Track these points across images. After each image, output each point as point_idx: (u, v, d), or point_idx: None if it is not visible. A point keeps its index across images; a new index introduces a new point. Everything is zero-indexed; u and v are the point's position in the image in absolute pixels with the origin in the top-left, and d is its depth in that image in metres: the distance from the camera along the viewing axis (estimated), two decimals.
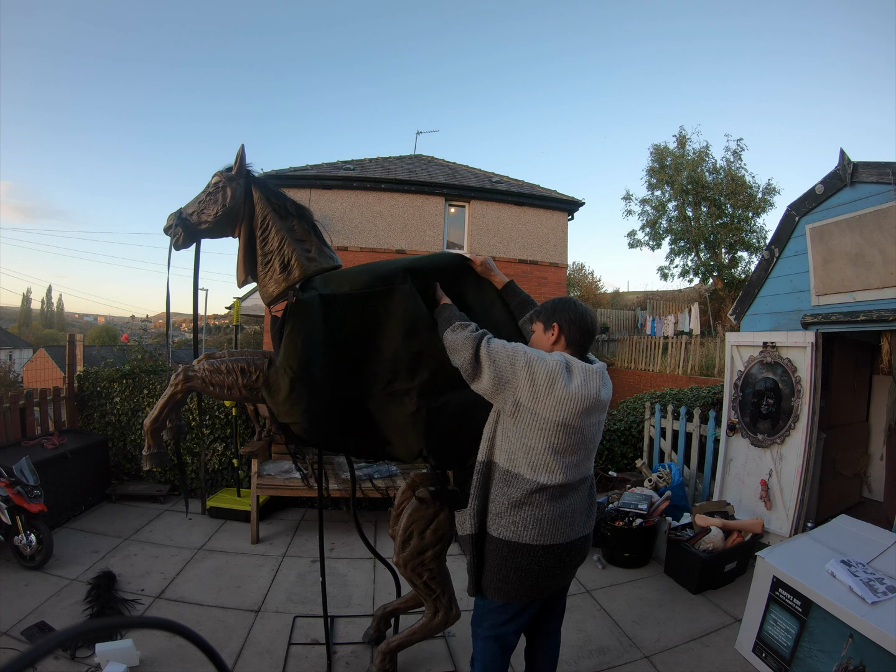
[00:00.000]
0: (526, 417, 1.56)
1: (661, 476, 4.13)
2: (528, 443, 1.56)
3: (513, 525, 1.59)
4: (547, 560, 1.61)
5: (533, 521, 1.58)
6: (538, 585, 1.66)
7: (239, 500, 4.24)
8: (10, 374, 20.36)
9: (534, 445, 1.56)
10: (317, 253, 2.06)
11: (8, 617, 2.59)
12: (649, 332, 13.61)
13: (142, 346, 5.23)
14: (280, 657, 2.41)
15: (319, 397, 1.84)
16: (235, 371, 1.96)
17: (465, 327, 1.67)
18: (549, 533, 1.59)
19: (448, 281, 1.99)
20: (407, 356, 1.88)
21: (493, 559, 1.64)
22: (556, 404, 1.52)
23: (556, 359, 1.57)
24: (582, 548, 1.71)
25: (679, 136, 15.64)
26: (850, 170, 3.23)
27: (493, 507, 1.64)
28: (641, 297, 23.34)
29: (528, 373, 1.53)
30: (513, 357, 1.56)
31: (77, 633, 0.67)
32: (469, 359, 1.60)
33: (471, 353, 1.60)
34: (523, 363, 1.54)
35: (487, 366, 1.57)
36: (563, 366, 1.56)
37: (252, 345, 18.17)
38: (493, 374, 1.56)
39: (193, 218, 2.03)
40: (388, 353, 1.90)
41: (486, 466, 1.68)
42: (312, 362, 1.82)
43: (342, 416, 1.91)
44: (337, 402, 1.88)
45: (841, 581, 2.24)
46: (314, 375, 1.82)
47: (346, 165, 9.80)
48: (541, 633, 1.96)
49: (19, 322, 58.69)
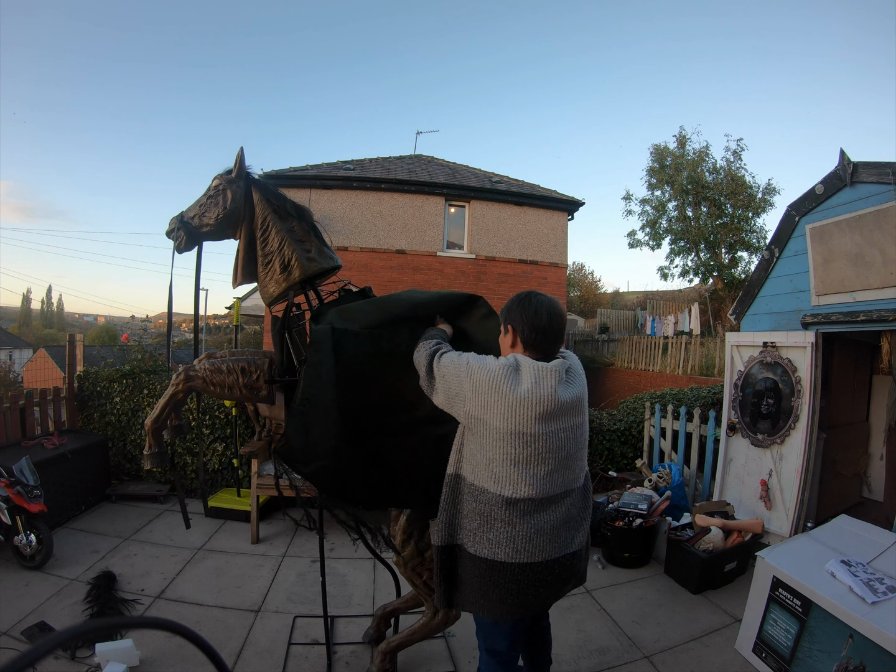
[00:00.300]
0: (479, 429, 1.48)
1: (661, 476, 4.13)
2: (488, 454, 1.48)
3: (487, 542, 1.51)
4: (526, 578, 1.51)
5: (506, 538, 1.49)
6: (521, 603, 1.55)
7: (239, 500, 4.24)
8: (10, 374, 20.37)
9: (493, 457, 1.47)
10: (317, 253, 2.06)
11: (8, 617, 2.59)
12: (649, 332, 13.61)
13: (142, 346, 5.23)
14: (280, 657, 2.41)
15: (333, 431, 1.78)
16: (236, 371, 1.97)
17: (426, 346, 1.64)
18: (524, 550, 1.50)
19: (453, 314, 1.94)
20: (409, 390, 1.83)
21: (471, 576, 1.57)
22: (504, 412, 1.43)
23: (500, 363, 1.48)
24: (569, 565, 1.59)
25: (679, 136, 15.64)
26: (850, 170, 3.23)
27: (466, 524, 1.57)
28: (641, 297, 23.34)
29: (470, 382, 1.47)
30: (458, 368, 1.51)
31: (77, 633, 0.67)
32: (425, 375, 1.60)
33: (425, 368, 1.59)
34: (466, 373, 1.48)
35: (439, 379, 1.56)
36: (509, 369, 1.46)
37: (252, 345, 18.17)
38: (443, 387, 1.54)
39: (195, 221, 2.04)
40: (394, 389, 1.84)
41: (454, 479, 1.61)
42: (326, 393, 1.78)
43: (354, 455, 1.82)
44: (349, 437, 1.80)
45: (841, 581, 2.24)
46: (328, 406, 1.77)
47: (346, 165, 9.81)
48: (532, 632, 1.94)
49: (19, 322, 58.70)
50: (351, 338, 1.78)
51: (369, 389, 1.81)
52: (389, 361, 1.81)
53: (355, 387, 1.78)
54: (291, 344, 2.06)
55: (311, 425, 1.80)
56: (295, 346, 2.08)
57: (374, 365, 1.80)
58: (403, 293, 1.97)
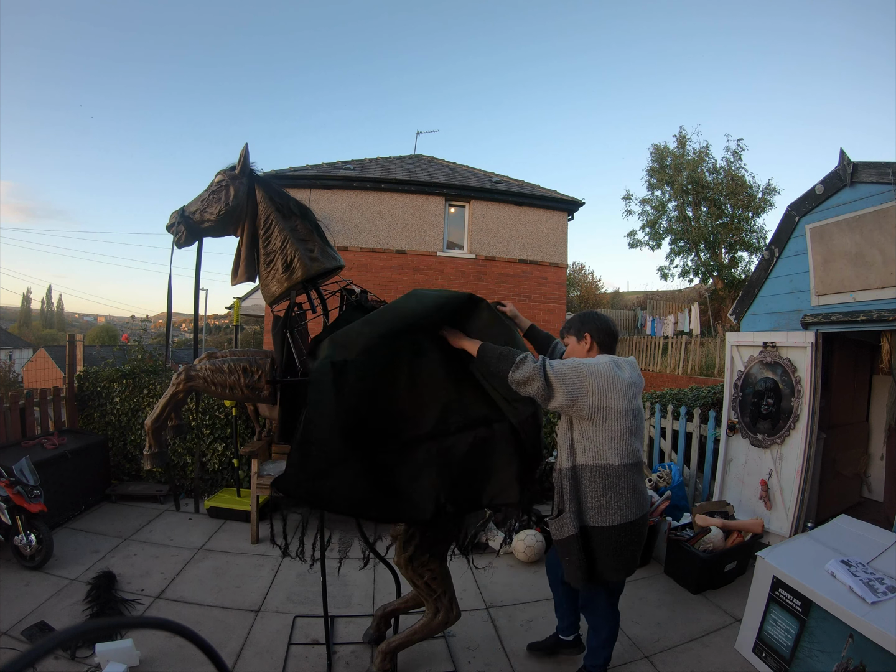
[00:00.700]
0: (602, 415, 1.84)
1: (661, 476, 4.12)
2: (610, 434, 1.85)
3: (618, 510, 1.87)
4: (643, 527, 1.97)
5: (630, 498, 1.88)
6: (638, 553, 1.99)
7: (239, 500, 4.24)
8: (10, 374, 20.37)
9: (614, 435, 1.85)
10: (319, 253, 2.06)
11: (8, 617, 2.59)
12: (649, 332, 13.62)
13: (142, 346, 5.22)
14: (280, 657, 2.41)
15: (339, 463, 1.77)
16: (237, 371, 1.96)
17: (524, 361, 1.81)
18: (641, 504, 1.93)
19: (458, 320, 1.95)
20: (411, 405, 1.85)
21: (608, 546, 1.89)
22: (622, 395, 1.83)
23: (605, 360, 1.87)
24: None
25: (679, 136, 15.66)
26: (850, 170, 3.23)
27: (592, 503, 1.89)
28: (641, 297, 23.33)
29: (593, 379, 1.81)
30: (576, 370, 1.81)
31: (77, 633, 0.67)
32: (542, 385, 1.79)
33: (542, 380, 1.78)
34: (587, 372, 1.81)
35: (558, 385, 1.79)
36: (613, 364, 1.87)
37: (252, 345, 18.17)
38: (565, 389, 1.79)
39: (196, 216, 2.03)
40: (395, 406, 1.84)
41: (571, 471, 1.92)
42: (328, 426, 1.76)
43: (363, 479, 1.81)
44: (355, 463, 1.79)
45: (841, 581, 2.24)
46: (331, 438, 1.76)
47: (346, 165, 9.80)
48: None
49: (19, 322, 58.69)
50: (350, 368, 1.75)
51: (371, 412, 1.81)
52: (391, 379, 1.82)
53: (358, 412, 1.78)
54: (293, 344, 2.06)
55: (316, 456, 1.77)
56: (296, 345, 2.08)
57: (375, 388, 1.81)
58: (402, 302, 1.92)
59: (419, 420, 1.85)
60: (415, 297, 1.93)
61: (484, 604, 2.99)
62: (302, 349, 2.15)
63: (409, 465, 1.84)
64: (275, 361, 2.05)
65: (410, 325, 1.85)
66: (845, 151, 3.30)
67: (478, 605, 2.96)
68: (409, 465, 1.84)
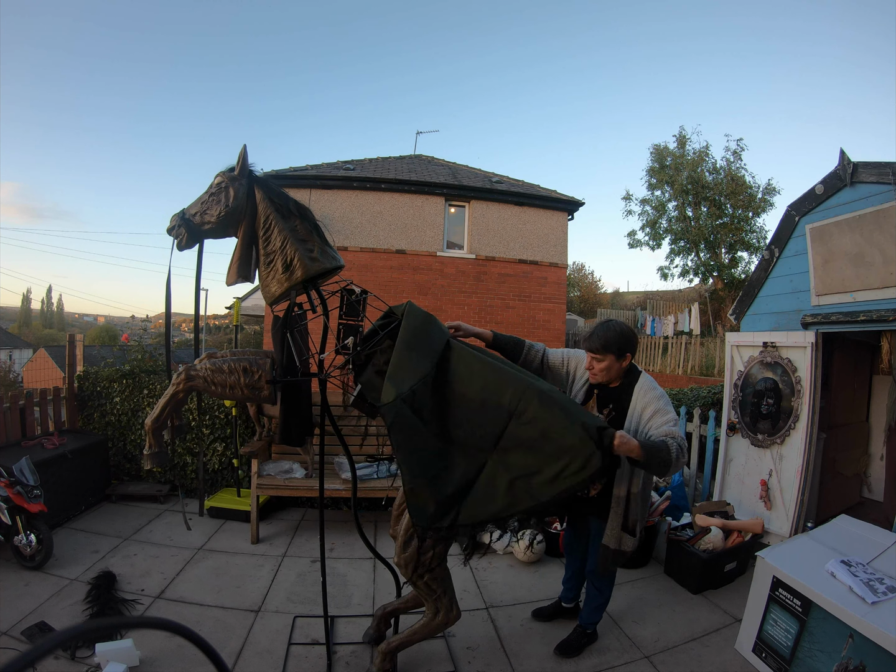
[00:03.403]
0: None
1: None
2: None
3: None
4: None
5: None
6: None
7: (239, 500, 4.24)
8: (10, 374, 20.37)
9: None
10: (319, 253, 2.06)
11: (8, 617, 2.58)
12: (649, 332, 13.61)
13: (142, 346, 5.21)
14: (280, 657, 2.41)
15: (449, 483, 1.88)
16: (238, 371, 1.96)
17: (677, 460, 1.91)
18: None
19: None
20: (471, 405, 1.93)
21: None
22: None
23: (656, 385, 2.23)
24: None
25: (679, 136, 15.66)
26: (850, 170, 3.23)
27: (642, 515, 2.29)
28: (641, 297, 23.33)
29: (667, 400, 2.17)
30: (672, 414, 2.10)
31: (77, 633, 0.67)
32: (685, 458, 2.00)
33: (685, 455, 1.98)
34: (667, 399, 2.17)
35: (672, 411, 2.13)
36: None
37: (252, 345, 18.18)
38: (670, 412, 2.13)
39: (197, 219, 2.03)
40: (463, 402, 1.94)
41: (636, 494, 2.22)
42: (432, 463, 1.87)
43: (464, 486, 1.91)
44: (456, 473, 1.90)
45: (841, 581, 2.24)
46: (438, 474, 1.87)
47: (346, 165, 9.80)
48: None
49: (19, 322, 58.70)
50: (420, 392, 1.87)
51: (452, 419, 1.93)
52: (450, 388, 1.94)
53: (444, 426, 1.91)
54: (293, 344, 2.06)
55: (434, 482, 1.86)
56: (296, 345, 2.08)
57: (441, 400, 1.93)
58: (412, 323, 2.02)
59: (482, 420, 1.91)
60: (433, 324, 2.08)
61: (484, 604, 2.99)
62: (302, 349, 2.15)
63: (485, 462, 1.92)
64: (275, 361, 2.05)
65: (442, 339, 2.03)
66: (845, 151, 3.30)
67: (478, 605, 2.96)
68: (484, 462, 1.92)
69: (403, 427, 1.82)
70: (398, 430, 1.82)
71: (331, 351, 2.14)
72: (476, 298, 9.26)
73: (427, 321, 2.06)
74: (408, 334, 1.97)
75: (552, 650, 2.53)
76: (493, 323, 9.24)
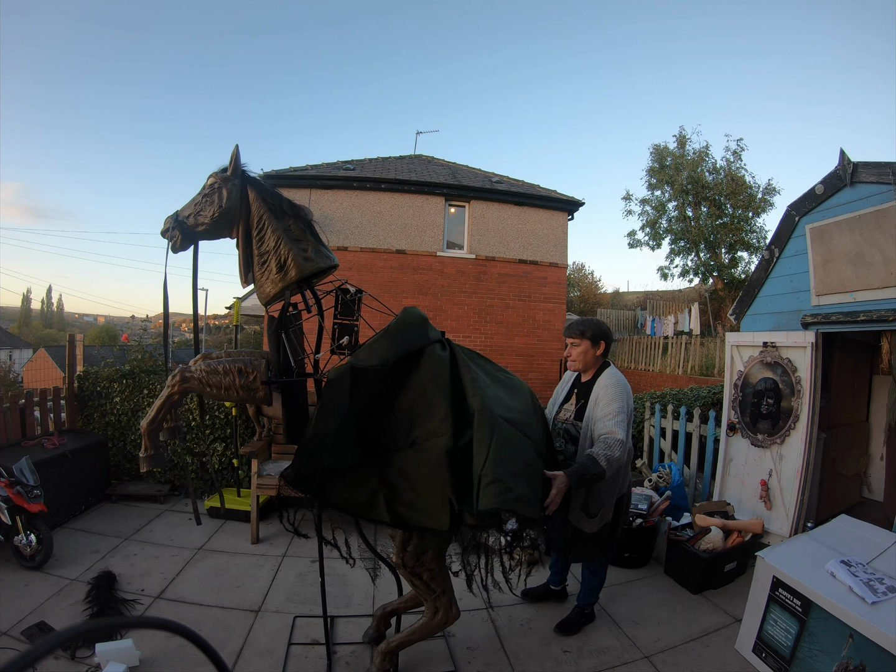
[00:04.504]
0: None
1: (661, 476, 4.12)
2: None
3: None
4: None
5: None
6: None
7: (239, 500, 4.24)
8: (10, 374, 20.37)
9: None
10: (313, 252, 2.05)
11: (8, 617, 2.58)
12: (649, 332, 13.61)
13: (142, 346, 5.21)
14: (280, 657, 2.41)
15: (349, 462, 1.88)
16: (233, 372, 1.95)
17: (617, 458, 2.05)
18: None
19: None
20: (422, 406, 1.93)
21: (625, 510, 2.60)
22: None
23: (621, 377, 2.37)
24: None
25: (679, 136, 15.63)
26: (850, 170, 3.23)
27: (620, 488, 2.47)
28: (641, 297, 23.31)
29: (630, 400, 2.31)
30: (628, 414, 2.23)
31: (77, 633, 0.67)
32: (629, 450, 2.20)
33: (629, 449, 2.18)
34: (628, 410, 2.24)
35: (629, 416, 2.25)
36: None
37: (252, 345, 18.18)
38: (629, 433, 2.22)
39: (190, 220, 2.02)
40: (405, 404, 1.95)
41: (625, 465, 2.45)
42: (342, 430, 1.88)
43: (374, 480, 1.90)
44: (366, 462, 1.90)
45: (841, 581, 2.24)
46: (342, 437, 1.88)
47: (346, 165, 9.80)
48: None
49: (19, 322, 58.69)
50: (368, 373, 1.90)
51: (383, 412, 1.94)
52: (405, 384, 1.96)
53: (370, 412, 1.91)
54: (288, 344, 2.05)
55: (324, 453, 1.86)
56: (292, 346, 2.08)
57: (389, 389, 1.95)
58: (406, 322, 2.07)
59: (427, 419, 1.90)
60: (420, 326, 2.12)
61: (484, 604, 2.99)
62: (297, 349, 2.15)
63: (419, 463, 1.87)
64: (270, 362, 2.04)
65: (427, 341, 2.05)
66: (845, 151, 3.30)
67: (478, 605, 2.96)
68: (420, 463, 1.87)
69: (338, 389, 1.87)
70: (331, 387, 1.88)
71: (326, 350, 2.14)
72: (476, 298, 9.26)
73: (416, 323, 2.10)
74: (391, 327, 2.05)
75: (552, 650, 2.53)
76: (493, 323, 9.25)
